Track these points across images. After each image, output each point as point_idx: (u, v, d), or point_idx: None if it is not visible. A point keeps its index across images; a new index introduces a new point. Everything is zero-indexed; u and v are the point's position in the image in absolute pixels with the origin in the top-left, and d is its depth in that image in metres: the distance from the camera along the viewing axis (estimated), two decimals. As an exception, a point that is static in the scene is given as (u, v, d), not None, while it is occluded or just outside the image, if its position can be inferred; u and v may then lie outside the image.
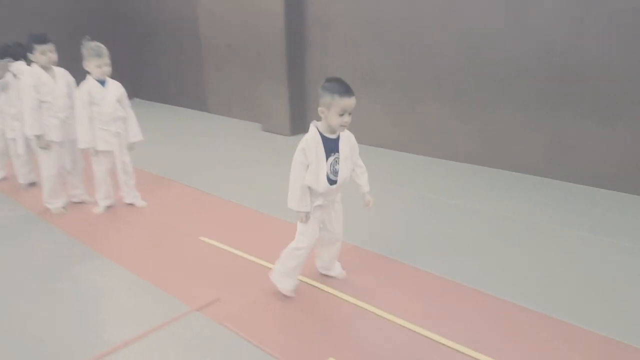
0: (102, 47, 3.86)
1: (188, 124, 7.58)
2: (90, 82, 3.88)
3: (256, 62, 6.87)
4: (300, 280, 2.99)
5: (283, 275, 2.81)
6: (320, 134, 2.56)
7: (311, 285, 2.98)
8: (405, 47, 5.39)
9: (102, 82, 3.92)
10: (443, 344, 2.42)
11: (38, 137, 3.94)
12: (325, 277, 3.04)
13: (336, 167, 2.60)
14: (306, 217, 2.65)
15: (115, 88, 4.00)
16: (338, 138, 2.62)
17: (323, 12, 6.05)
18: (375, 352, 2.40)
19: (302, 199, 2.60)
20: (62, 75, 4.05)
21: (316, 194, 2.62)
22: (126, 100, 4.10)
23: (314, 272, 3.09)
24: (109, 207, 4.25)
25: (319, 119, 2.59)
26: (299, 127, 6.61)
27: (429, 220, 3.89)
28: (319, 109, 2.52)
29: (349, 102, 2.47)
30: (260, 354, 2.40)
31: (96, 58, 3.82)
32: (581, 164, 4.49)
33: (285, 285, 2.82)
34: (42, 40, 3.84)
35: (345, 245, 3.10)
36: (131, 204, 4.31)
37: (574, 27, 4.27)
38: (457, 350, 2.38)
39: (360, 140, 2.79)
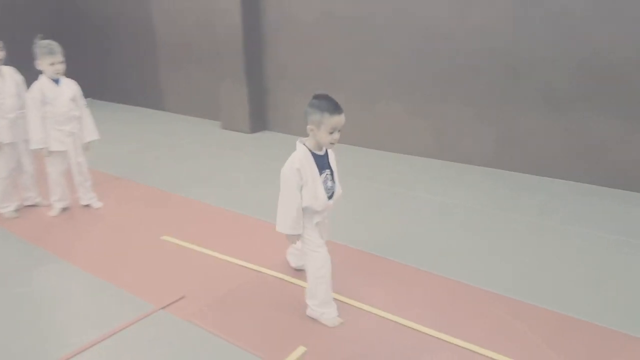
0: (55, 45, 3.75)
1: (144, 123, 7.43)
2: (43, 81, 3.77)
3: (214, 60, 6.82)
4: (270, 275, 3.04)
5: (322, 306, 2.60)
6: (310, 151, 2.53)
7: (280, 279, 3.03)
8: (363, 45, 5.50)
9: (56, 81, 3.82)
10: (411, 328, 2.53)
11: (-13, 138, 3.80)
12: (296, 272, 3.08)
13: (328, 183, 2.57)
14: (298, 239, 2.58)
15: (70, 87, 3.90)
16: (326, 154, 2.61)
17: (280, 9, 6.07)
18: (345, 338, 2.48)
19: (296, 222, 2.52)
20: (10, 74, 3.91)
21: (313, 212, 2.55)
22: (81, 99, 4.00)
23: (284, 266, 3.14)
24: (64, 210, 4.14)
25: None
26: (259, 124, 6.61)
27: (389, 211, 4.01)
28: (308, 126, 2.48)
29: (339, 119, 2.44)
30: (230, 348, 2.43)
31: (49, 56, 3.71)
32: (526, 155, 4.73)
33: (330, 314, 2.60)
34: None
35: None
36: (87, 206, 4.21)
37: (515, 27, 4.49)
38: (423, 332, 2.49)
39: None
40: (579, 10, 4.20)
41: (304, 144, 2.55)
